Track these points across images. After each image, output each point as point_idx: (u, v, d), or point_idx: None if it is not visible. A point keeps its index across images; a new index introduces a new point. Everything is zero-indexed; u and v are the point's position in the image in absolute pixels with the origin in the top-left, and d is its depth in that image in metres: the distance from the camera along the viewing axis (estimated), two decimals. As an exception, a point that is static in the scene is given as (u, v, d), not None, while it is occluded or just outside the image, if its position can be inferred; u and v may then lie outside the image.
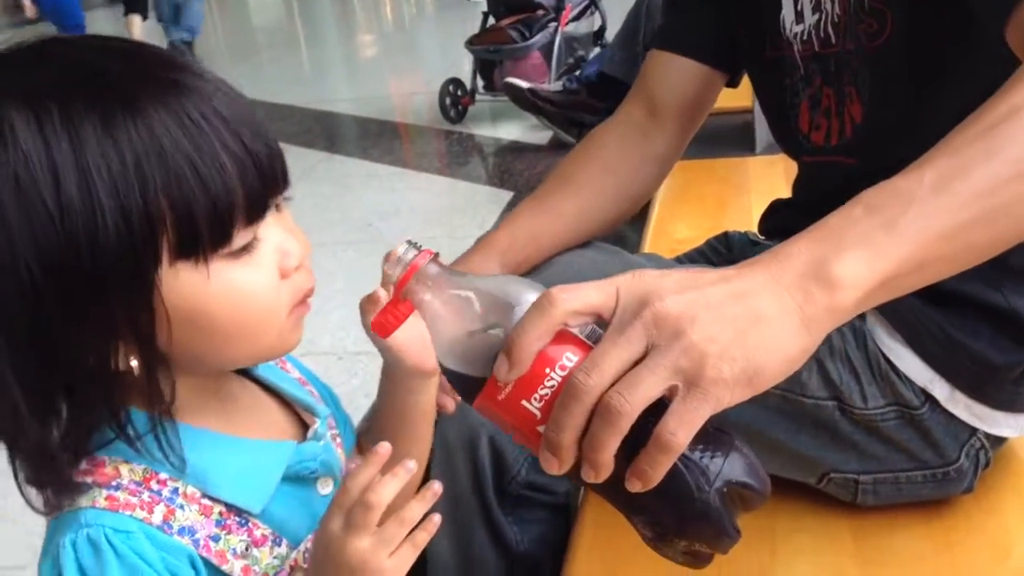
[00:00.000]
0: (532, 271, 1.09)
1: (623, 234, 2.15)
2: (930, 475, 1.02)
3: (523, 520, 1.14)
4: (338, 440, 0.78)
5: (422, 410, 0.81)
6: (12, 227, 0.54)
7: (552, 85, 4.12)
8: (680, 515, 0.58)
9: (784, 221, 1.17)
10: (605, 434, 0.55)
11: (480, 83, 4.79)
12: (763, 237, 1.21)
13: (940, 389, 0.99)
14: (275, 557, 0.67)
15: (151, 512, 0.62)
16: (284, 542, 0.68)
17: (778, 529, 1.06)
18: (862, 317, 1.01)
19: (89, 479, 0.62)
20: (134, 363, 0.59)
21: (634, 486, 0.56)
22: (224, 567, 0.64)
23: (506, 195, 3.62)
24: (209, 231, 0.57)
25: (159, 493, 0.63)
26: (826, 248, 0.61)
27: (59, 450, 0.61)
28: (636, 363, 0.57)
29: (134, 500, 0.61)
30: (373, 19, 10.75)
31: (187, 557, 0.62)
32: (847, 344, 1.00)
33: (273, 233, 0.63)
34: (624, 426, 0.55)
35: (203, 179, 0.56)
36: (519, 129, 4.48)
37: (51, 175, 0.54)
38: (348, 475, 0.65)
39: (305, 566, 0.68)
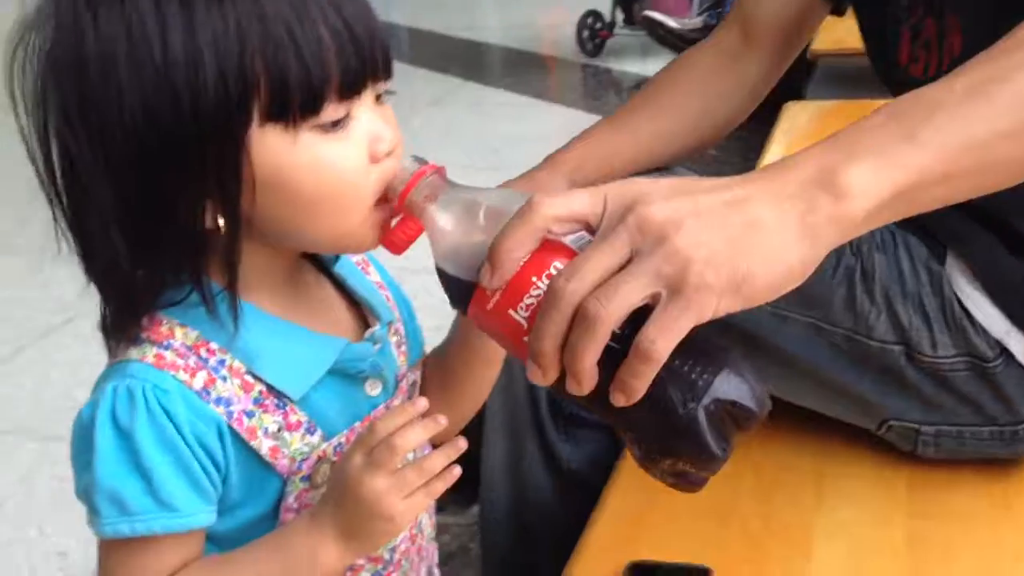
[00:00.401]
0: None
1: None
2: (997, 432, 0.97)
3: (576, 439, 1.14)
4: (403, 349, 0.78)
5: (486, 357, 0.80)
6: (122, 78, 0.58)
7: (693, 20, 4.01)
8: (664, 432, 0.56)
9: None
10: (583, 341, 0.54)
11: (620, 16, 4.70)
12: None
13: (1017, 342, 0.93)
14: (305, 444, 0.68)
15: (193, 376, 0.64)
16: (318, 432, 0.69)
17: (827, 472, 1.03)
18: (940, 260, 0.96)
19: (144, 334, 0.65)
20: (221, 222, 0.62)
21: (618, 400, 0.55)
22: (252, 443, 0.66)
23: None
24: (300, 99, 0.59)
25: (205, 361, 0.65)
26: (837, 156, 0.57)
27: (137, 302, 0.65)
28: (621, 270, 0.55)
29: (180, 362, 0.64)
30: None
31: (216, 426, 0.64)
32: (921, 287, 0.95)
33: (368, 117, 0.63)
34: (602, 333, 0.53)
35: (299, 48, 0.58)
36: (657, 65, 4.37)
37: (160, 30, 0.57)
38: (378, 417, 0.67)
39: (334, 459, 0.69)
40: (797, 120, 1.92)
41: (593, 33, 4.71)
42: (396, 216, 0.65)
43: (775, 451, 1.07)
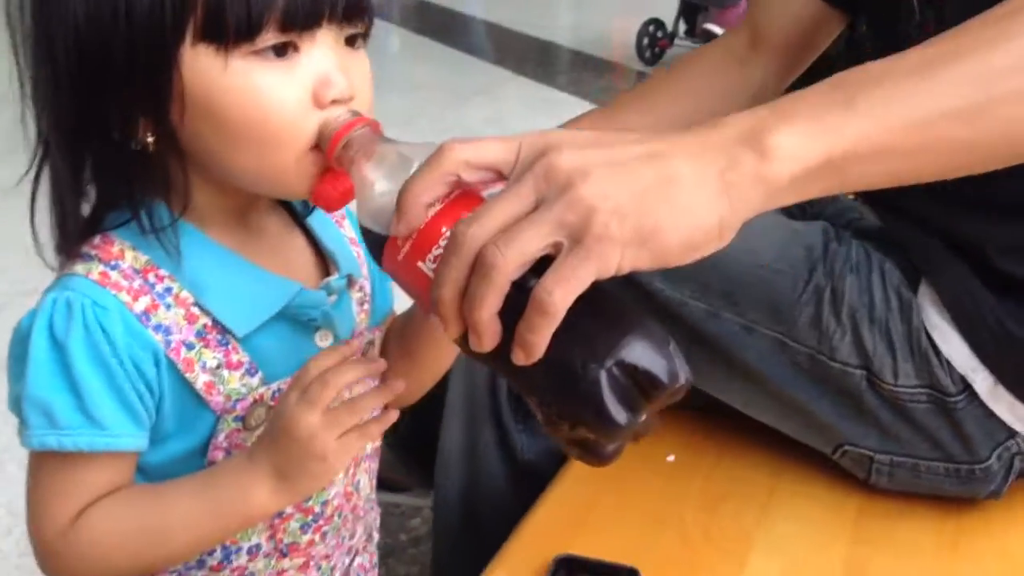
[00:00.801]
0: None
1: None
2: (953, 469, 0.94)
3: (532, 430, 1.13)
4: (365, 307, 0.78)
5: (442, 354, 0.80)
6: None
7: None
8: (565, 395, 0.53)
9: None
10: (480, 290, 0.51)
11: (682, 27, 4.66)
12: (849, 196, 1.13)
13: (983, 381, 0.91)
14: (243, 385, 0.68)
15: (136, 299, 0.64)
16: (259, 375, 0.69)
17: (778, 489, 1.01)
18: (912, 288, 0.93)
19: (94, 252, 0.65)
20: (151, 139, 0.62)
21: (518, 357, 0.52)
22: (188, 375, 0.66)
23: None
24: (235, 23, 0.58)
25: (152, 286, 0.65)
26: (768, 117, 0.54)
27: (79, 218, 0.66)
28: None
29: (124, 283, 0.64)
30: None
31: (153, 352, 0.64)
32: (890, 313, 0.93)
33: (322, 57, 0.62)
34: (498, 281, 0.50)
35: None
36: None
37: None
38: (313, 356, 0.66)
39: (271, 403, 0.69)
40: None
41: (653, 41, 4.68)
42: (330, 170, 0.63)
43: (729, 462, 1.05)
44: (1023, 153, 0.60)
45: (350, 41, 0.64)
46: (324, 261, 0.75)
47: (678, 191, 0.52)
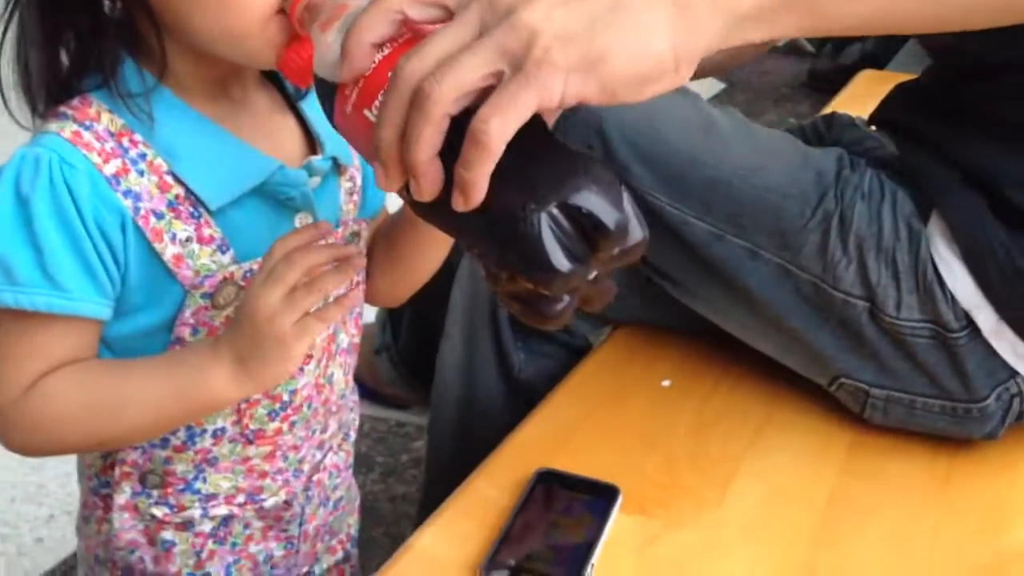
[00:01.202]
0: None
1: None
2: (949, 407, 0.92)
3: (532, 350, 1.13)
4: (355, 198, 0.77)
5: (432, 238, 0.78)
6: None
7: None
8: (503, 240, 0.49)
9: (896, 106, 1.06)
10: (416, 126, 0.48)
11: None
12: (871, 126, 1.09)
13: (986, 318, 0.88)
14: (213, 261, 0.67)
15: (106, 162, 0.63)
16: (230, 252, 0.68)
17: (772, 419, 0.99)
18: (923, 219, 0.91)
19: (70, 112, 0.64)
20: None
21: (456, 201, 0.48)
22: (156, 245, 0.65)
23: (718, 86, 3.46)
24: None
25: (125, 150, 0.64)
26: None
27: (52, 77, 0.65)
28: None
29: (96, 145, 0.63)
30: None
31: (120, 216, 0.64)
32: (898, 244, 0.90)
33: None
34: (434, 113, 0.47)
35: None
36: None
37: None
38: (282, 238, 0.64)
39: (242, 283, 0.68)
40: (868, 90, 1.81)
41: None
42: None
43: (724, 390, 1.04)
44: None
45: None
46: (314, 146, 0.73)
47: (628, 15, 0.49)
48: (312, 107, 0.73)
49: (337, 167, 0.74)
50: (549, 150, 0.50)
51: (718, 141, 0.97)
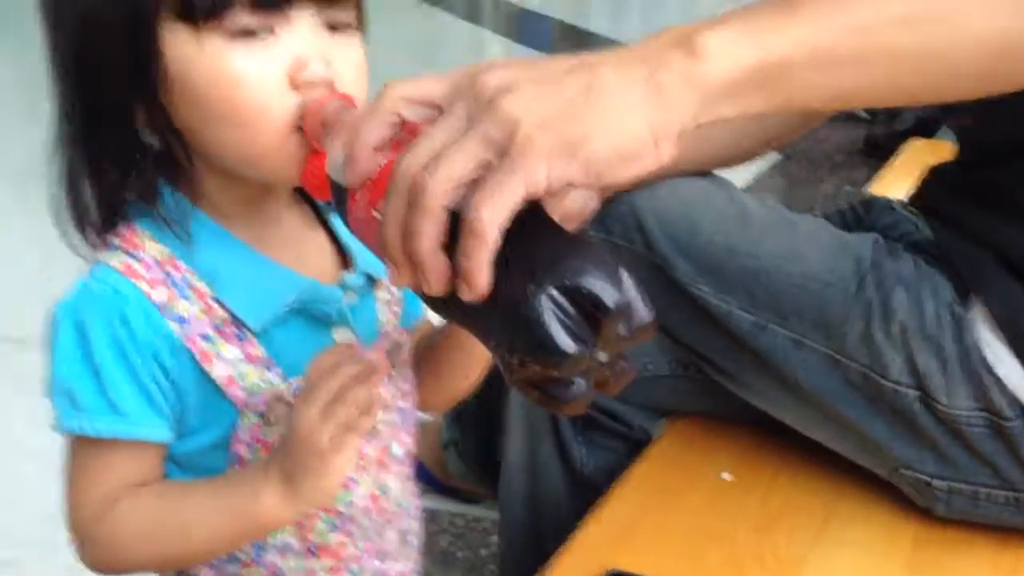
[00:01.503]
0: (634, 191, 1.04)
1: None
2: (1013, 498, 0.90)
3: (593, 444, 1.14)
4: (395, 309, 0.79)
5: (469, 349, 0.80)
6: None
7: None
8: (509, 326, 0.50)
9: (931, 189, 1.06)
10: (415, 219, 0.50)
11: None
12: (910, 207, 1.09)
13: (1041, 405, 0.87)
14: (262, 380, 0.70)
15: (154, 289, 0.67)
16: (276, 370, 0.70)
17: (835, 512, 0.98)
18: (965, 305, 0.90)
19: (118, 241, 0.69)
20: (149, 125, 0.66)
21: (463, 292, 0.50)
22: (206, 365, 0.68)
23: (774, 157, 3.44)
24: (202, 2, 0.61)
25: (171, 277, 0.68)
26: (702, 24, 0.53)
27: (100, 208, 0.69)
28: None
29: (145, 273, 0.67)
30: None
31: (170, 342, 0.67)
32: (942, 331, 0.90)
33: (300, 40, 0.63)
34: (430, 205, 0.49)
35: None
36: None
37: None
38: (313, 358, 0.66)
39: (291, 399, 0.70)
40: (917, 159, 1.79)
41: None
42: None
43: (785, 482, 1.03)
44: (968, 71, 0.57)
45: (337, 28, 0.65)
46: (347, 260, 0.76)
47: (604, 97, 0.51)
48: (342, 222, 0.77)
49: (372, 281, 0.77)
50: (548, 236, 0.52)
51: (754, 230, 0.98)
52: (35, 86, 0.73)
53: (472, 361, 0.82)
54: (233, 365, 0.69)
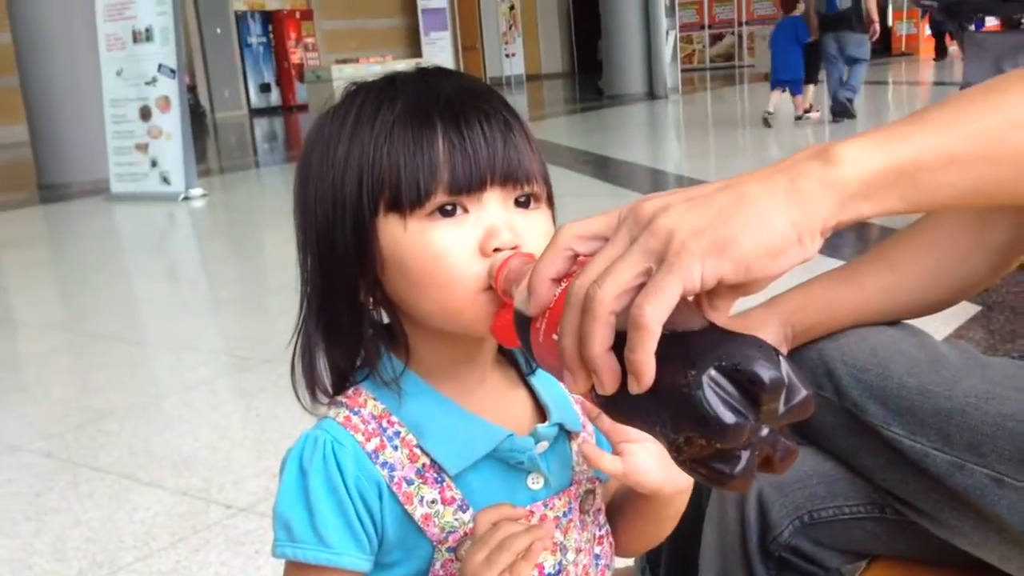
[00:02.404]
0: (824, 339, 1.09)
1: None
2: None
3: (786, 582, 1.14)
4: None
5: (645, 511, 0.88)
6: (313, 174, 0.79)
7: None
8: (673, 408, 0.55)
9: None
10: (587, 326, 0.56)
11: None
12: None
13: None
14: (456, 519, 0.78)
15: (368, 440, 0.78)
16: (470, 511, 0.79)
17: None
18: None
19: (344, 400, 0.81)
20: (371, 300, 0.78)
21: (631, 384, 0.56)
22: (407, 507, 0.78)
23: (973, 309, 3.35)
24: (409, 195, 0.74)
25: (384, 430, 0.79)
26: (838, 140, 0.58)
27: (332, 375, 0.82)
28: None
29: (361, 426, 0.79)
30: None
31: (377, 485, 0.77)
32: None
33: (491, 215, 0.75)
34: (600, 312, 0.56)
35: (416, 160, 0.74)
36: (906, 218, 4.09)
37: (333, 148, 0.78)
38: (482, 510, 0.77)
39: None
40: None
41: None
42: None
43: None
44: None
45: (524, 204, 0.77)
46: (543, 414, 0.85)
47: (749, 205, 0.57)
48: (541, 381, 0.86)
49: (568, 433, 0.85)
50: (706, 332, 0.57)
51: (948, 372, 1.00)
52: (252, 284, 0.87)
53: (669, 510, 0.87)
54: (430, 506, 0.78)
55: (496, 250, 0.74)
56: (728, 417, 0.54)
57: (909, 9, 17.41)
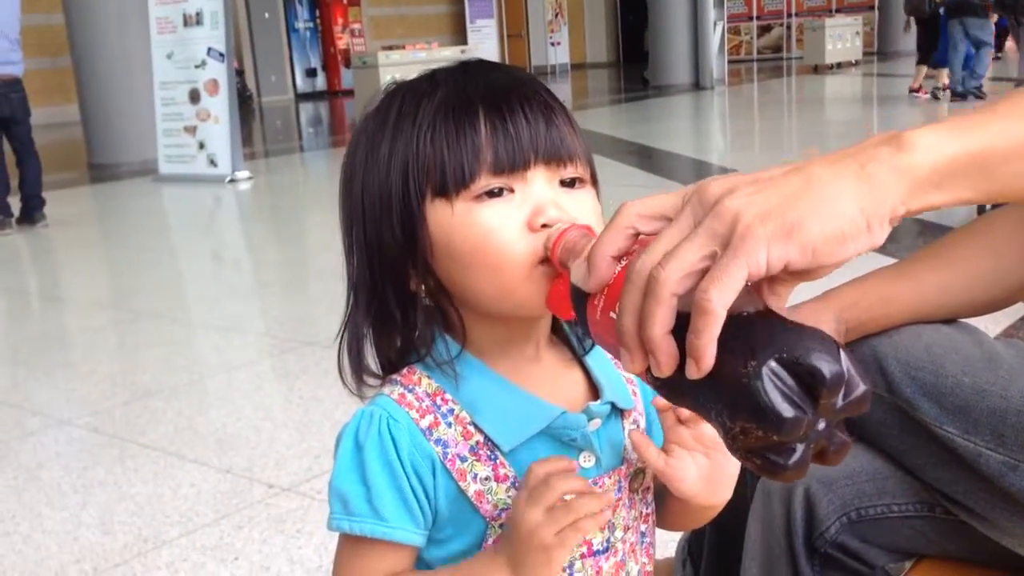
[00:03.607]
0: (878, 335, 1.08)
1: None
2: None
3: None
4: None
5: (695, 517, 0.89)
6: (358, 171, 0.80)
7: None
8: (731, 397, 0.55)
9: None
10: (649, 307, 0.56)
11: None
12: None
13: None
14: (509, 496, 0.79)
15: (422, 417, 0.79)
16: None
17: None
18: None
19: (399, 378, 0.82)
20: (423, 287, 0.79)
21: (690, 369, 0.55)
22: (460, 483, 0.79)
23: (1023, 308, 3.30)
24: (453, 178, 0.75)
25: (438, 407, 0.80)
26: (908, 128, 0.57)
27: (380, 361, 0.83)
28: None
29: (415, 403, 0.80)
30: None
31: (431, 461, 0.78)
32: None
33: (537, 193, 0.76)
34: (663, 294, 0.55)
35: (459, 143, 0.75)
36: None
37: (377, 143, 0.80)
38: (538, 462, 0.76)
39: None
40: None
41: (995, 205, 4.45)
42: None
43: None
44: None
45: (570, 184, 0.78)
46: (596, 393, 0.85)
47: (817, 188, 0.55)
48: (597, 361, 0.86)
49: (620, 411, 0.85)
50: (767, 320, 0.57)
51: (1003, 371, 0.98)
52: (295, 267, 0.87)
53: (698, 514, 0.88)
54: (484, 483, 0.79)
55: (544, 226, 0.74)
56: (787, 411, 0.53)
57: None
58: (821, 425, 0.55)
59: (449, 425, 0.79)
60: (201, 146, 8.20)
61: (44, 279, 5.58)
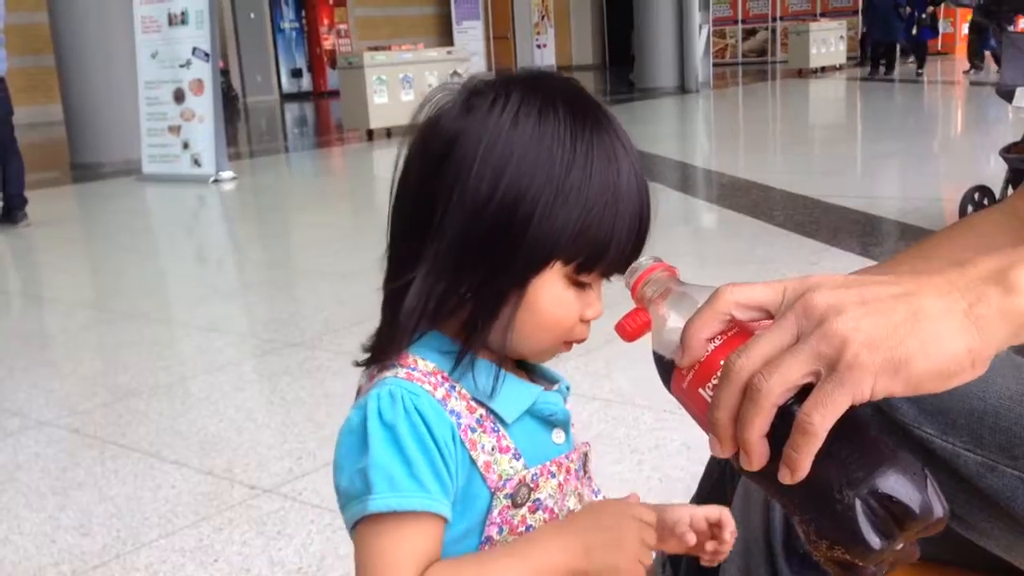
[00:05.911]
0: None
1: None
2: None
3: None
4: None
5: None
6: (474, 169, 0.79)
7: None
8: (821, 515, 0.58)
9: None
10: (749, 413, 0.58)
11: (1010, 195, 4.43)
12: None
13: None
14: (511, 467, 0.81)
15: (435, 389, 0.80)
16: (522, 460, 0.82)
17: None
18: None
19: (395, 362, 0.82)
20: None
21: (783, 476, 0.58)
22: (472, 452, 0.80)
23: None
24: (588, 263, 0.79)
25: (441, 383, 0.81)
26: (1015, 257, 0.58)
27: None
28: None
29: (425, 379, 0.80)
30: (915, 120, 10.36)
31: (451, 431, 0.79)
32: None
33: (597, 290, 0.83)
34: (764, 405, 0.58)
35: (617, 232, 0.79)
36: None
37: (502, 147, 0.79)
38: (634, 510, 0.83)
39: (531, 484, 0.82)
40: None
41: (977, 208, 4.48)
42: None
43: (1021, 631, 0.99)
44: None
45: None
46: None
47: (926, 323, 0.57)
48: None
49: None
50: (862, 437, 0.59)
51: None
52: (279, 268, 0.86)
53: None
54: (490, 454, 0.81)
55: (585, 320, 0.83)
56: (875, 542, 0.57)
57: (945, 7, 17.19)
58: (899, 546, 0.59)
59: (456, 398, 0.81)
60: (185, 146, 8.17)
61: (25, 279, 5.55)
